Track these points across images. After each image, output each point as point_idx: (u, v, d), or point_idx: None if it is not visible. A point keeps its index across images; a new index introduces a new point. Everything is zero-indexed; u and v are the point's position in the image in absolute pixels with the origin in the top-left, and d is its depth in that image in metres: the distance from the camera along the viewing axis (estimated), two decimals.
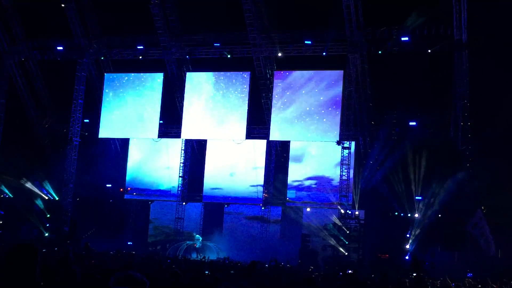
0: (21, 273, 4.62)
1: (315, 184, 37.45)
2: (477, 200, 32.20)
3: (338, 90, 36.29)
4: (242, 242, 36.71)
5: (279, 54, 36.82)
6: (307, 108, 36.94)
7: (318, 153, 38.06)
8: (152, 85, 40.37)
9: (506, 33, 29.98)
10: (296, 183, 37.95)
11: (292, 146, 38.62)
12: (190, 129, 39.12)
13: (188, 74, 39.64)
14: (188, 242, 38.11)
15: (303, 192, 37.78)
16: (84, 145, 39.51)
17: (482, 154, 32.12)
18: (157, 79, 40.28)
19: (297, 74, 37.62)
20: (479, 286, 21.46)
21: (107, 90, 41.05)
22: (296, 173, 38.10)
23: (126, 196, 41.09)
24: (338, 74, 36.59)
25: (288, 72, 37.75)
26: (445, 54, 33.81)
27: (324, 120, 36.55)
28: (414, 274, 19.85)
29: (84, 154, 39.07)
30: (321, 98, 36.80)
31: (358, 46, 34.38)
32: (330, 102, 36.59)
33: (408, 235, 32.81)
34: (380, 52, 34.80)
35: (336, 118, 36.04)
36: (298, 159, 38.47)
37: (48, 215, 37.49)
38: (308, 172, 37.90)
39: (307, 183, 37.66)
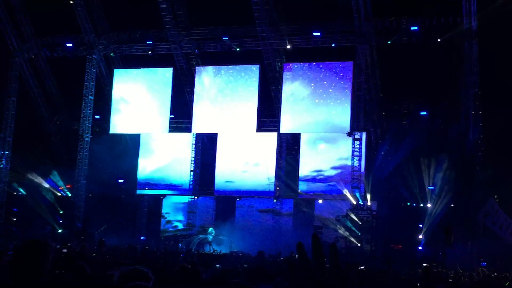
0: (32, 268, 4.64)
1: (335, 175, 37.24)
2: (489, 189, 32.08)
3: (348, 81, 36.22)
4: (255, 235, 36.66)
5: (288, 47, 36.73)
6: (317, 100, 36.90)
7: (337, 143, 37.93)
8: (162, 80, 40.43)
9: None
10: (314, 174, 37.83)
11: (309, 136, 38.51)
12: (200, 123, 39.16)
13: (197, 68, 39.66)
14: (200, 236, 38.18)
15: (315, 183, 37.70)
16: (95, 141, 39.64)
17: (494, 143, 31.95)
18: (167, 74, 40.33)
19: (306, 66, 37.58)
20: (494, 275, 21.40)
21: (117, 86, 41.17)
22: (312, 164, 38.03)
23: (138, 192, 41.22)
24: (347, 65, 36.52)
25: (297, 64, 37.69)
26: (455, 43, 33.64)
27: (334, 112, 36.49)
28: (424, 264, 19.80)
29: (95, 150, 39.21)
30: (331, 89, 36.74)
31: (367, 37, 34.25)
32: (340, 94, 36.52)
33: (420, 226, 32.72)
34: (389, 42, 34.67)
35: (346, 110, 35.95)
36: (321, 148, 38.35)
37: (61, 212, 37.65)
38: (319, 164, 37.85)
39: (327, 173, 37.47)
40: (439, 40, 33.50)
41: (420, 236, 32.33)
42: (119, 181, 41.42)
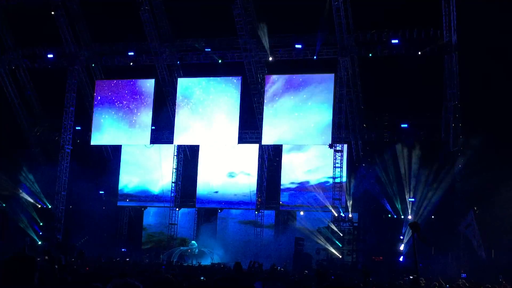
0: (20, 283, 4.61)
1: (316, 186, 37.29)
2: (469, 201, 32.29)
3: (330, 93, 36.34)
4: (236, 247, 36.60)
5: (270, 59, 36.82)
6: (299, 112, 36.97)
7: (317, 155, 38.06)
8: (144, 91, 40.29)
9: (495, 34, 30.13)
10: (296, 185, 37.91)
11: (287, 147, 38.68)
12: (182, 135, 39.07)
13: (179, 79, 39.60)
14: (182, 248, 38.03)
15: (297, 195, 37.76)
16: (76, 152, 39.42)
17: (474, 155, 32.17)
18: (148, 84, 40.21)
19: (288, 78, 37.67)
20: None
21: (98, 97, 40.98)
22: (294, 176, 38.14)
23: (119, 203, 41.03)
24: (329, 77, 36.66)
25: (279, 76, 37.78)
26: (435, 56, 33.94)
27: (316, 124, 36.57)
28: (411, 277, 19.88)
29: (76, 161, 39.00)
30: (312, 102, 36.84)
31: (348, 49, 34.47)
32: (322, 106, 36.62)
33: (401, 237, 32.84)
34: (370, 55, 34.90)
35: (328, 121, 36.06)
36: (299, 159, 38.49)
37: (41, 223, 37.34)
38: (301, 175, 37.94)
39: (309, 184, 37.50)
40: (419, 53, 33.77)
41: (401, 248, 32.44)
42: (100, 192, 41.22)
